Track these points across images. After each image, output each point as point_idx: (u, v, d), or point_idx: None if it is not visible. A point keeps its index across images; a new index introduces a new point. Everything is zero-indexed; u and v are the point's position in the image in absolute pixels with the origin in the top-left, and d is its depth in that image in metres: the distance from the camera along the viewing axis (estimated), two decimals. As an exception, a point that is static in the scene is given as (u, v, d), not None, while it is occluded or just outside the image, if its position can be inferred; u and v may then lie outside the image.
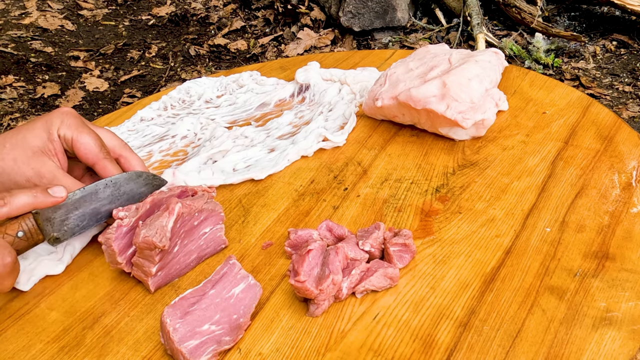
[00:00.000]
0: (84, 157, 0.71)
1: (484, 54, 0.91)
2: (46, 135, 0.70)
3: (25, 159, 0.68)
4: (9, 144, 0.69)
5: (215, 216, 0.72)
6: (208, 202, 0.71)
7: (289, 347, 0.60)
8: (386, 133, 0.92)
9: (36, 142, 0.69)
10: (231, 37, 2.85)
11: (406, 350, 0.58)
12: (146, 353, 0.62)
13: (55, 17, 3.02)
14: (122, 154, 0.75)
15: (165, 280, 0.69)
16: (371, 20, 2.58)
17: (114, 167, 0.72)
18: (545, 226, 0.71)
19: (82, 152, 0.71)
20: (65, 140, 0.71)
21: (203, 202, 0.70)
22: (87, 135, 0.71)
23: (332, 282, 0.62)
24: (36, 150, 0.69)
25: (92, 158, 0.71)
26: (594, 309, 0.60)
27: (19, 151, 0.68)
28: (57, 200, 0.66)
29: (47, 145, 0.70)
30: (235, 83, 1.11)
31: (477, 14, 2.45)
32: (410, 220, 0.74)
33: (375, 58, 1.15)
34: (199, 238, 0.71)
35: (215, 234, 0.72)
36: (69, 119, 0.71)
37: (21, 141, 0.69)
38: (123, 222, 0.67)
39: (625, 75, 2.27)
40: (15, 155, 0.68)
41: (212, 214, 0.71)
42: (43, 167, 0.68)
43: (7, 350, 0.64)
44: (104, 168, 0.72)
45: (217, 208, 0.72)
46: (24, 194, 0.65)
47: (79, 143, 0.71)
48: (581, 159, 0.81)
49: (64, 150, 0.71)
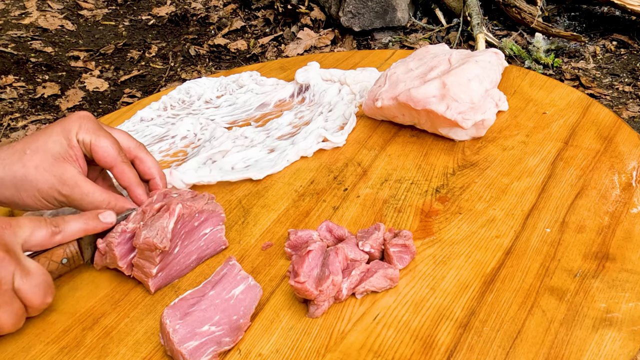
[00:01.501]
0: (103, 161, 0.71)
1: (484, 54, 0.91)
2: (66, 141, 0.70)
3: (47, 165, 0.68)
4: (30, 150, 0.68)
5: (215, 217, 0.71)
6: (209, 203, 0.71)
7: (289, 348, 0.60)
8: (386, 133, 0.92)
9: (56, 148, 0.69)
10: (231, 37, 2.85)
11: (406, 351, 0.58)
12: (146, 354, 0.61)
13: (55, 17, 3.02)
14: (137, 155, 0.75)
15: (165, 281, 0.69)
16: (371, 20, 2.58)
17: (130, 171, 0.72)
18: (545, 227, 0.71)
19: (101, 156, 0.71)
20: (84, 144, 0.71)
21: (204, 203, 0.70)
22: (105, 139, 0.71)
23: (332, 283, 0.62)
24: (57, 157, 0.69)
25: (111, 162, 0.71)
26: (594, 310, 0.60)
27: (39, 157, 0.68)
28: (107, 225, 0.68)
29: (67, 152, 0.69)
30: (235, 83, 1.11)
31: (477, 14, 2.45)
32: (410, 220, 0.74)
33: (375, 58, 1.15)
34: (199, 239, 0.71)
35: (216, 235, 0.72)
36: (86, 123, 0.71)
37: (41, 147, 0.69)
38: (127, 228, 0.67)
39: (625, 75, 2.27)
40: (36, 162, 0.68)
41: (213, 214, 0.71)
42: (65, 174, 0.68)
43: (7, 351, 0.64)
44: (121, 172, 0.72)
45: (217, 209, 0.72)
46: (76, 221, 0.66)
47: (97, 147, 0.70)
48: (581, 159, 0.81)
49: (83, 155, 0.71)
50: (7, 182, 0.68)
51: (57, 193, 0.68)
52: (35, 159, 0.68)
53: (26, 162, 0.68)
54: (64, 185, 0.68)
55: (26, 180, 0.68)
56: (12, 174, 0.67)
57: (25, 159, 0.68)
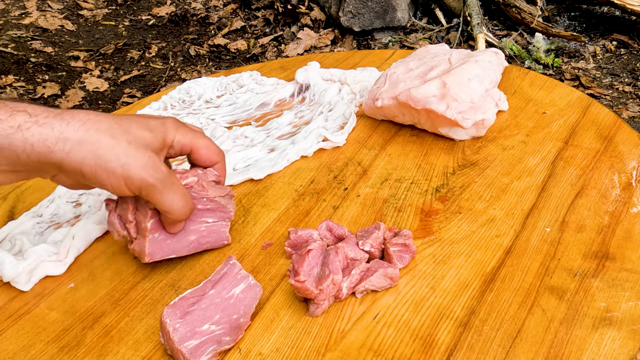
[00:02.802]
0: (208, 160, 0.70)
1: (484, 54, 0.91)
2: (161, 136, 0.65)
3: (140, 146, 0.63)
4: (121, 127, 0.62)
5: (223, 212, 0.71)
6: (224, 197, 0.70)
7: (289, 347, 0.60)
8: (386, 133, 0.92)
9: (149, 139, 0.64)
10: (231, 37, 2.85)
11: (406, 350, 0.58)
12: (146, 353, 0.62)
13: (55, 17, 3.02)
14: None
15: (160, 251, 0.68)
16: (371, 20, 2.58)
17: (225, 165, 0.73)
18: (545, 226, 0.71)
19: (206, 155, 0.69)
20: (182, 148, 0.68)
21: (218, 194, 0.69)
22: (202, 139, 0.69)
23: (332, 282, 0.62)
24: (148, 145, 0.64)
25: (216, 158, 0.70)
26: (594, 309, 0.60)
27: (132, 136, 0.63)
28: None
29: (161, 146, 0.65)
30: (235, 83, 1.11)
31: (477, 14, 2.45)
32: (410, 220, 0.74)
33: (375, 58, 1.15)
34: (200, 222, 0.70)
35: (219, 228, 0.72)
36: (182, 127, 0.68)
37: (134, 130, 0.63)
38: None
39: (625, 75, 2.27)
40: (130, 139, 0.62)
41: (221, 209, 0.71)
42: (157, 160, 0.64)
43: (7, 350, 0.64)
44: (223, 167, 0.72)
45: (229, 207, 0.71)
46: None
47: (201, 147, 0.69)
48: (581, 159, 0.81)
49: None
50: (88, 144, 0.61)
51: (149, 174, 0.62)
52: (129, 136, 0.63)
53: (118, 135, 0.62)
54: (156, 169, 0.63)
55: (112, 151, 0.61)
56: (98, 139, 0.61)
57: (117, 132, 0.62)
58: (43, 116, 0.59)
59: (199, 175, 0.69)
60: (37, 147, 0.58)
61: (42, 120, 0.59)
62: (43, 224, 0.80)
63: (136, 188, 0.62)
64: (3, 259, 0.71)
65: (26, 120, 0.58)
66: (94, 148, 0.60)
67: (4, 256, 0.71)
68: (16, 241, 0.75)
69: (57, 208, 0.83)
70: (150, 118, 0.67)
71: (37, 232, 0.79)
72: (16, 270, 0.70)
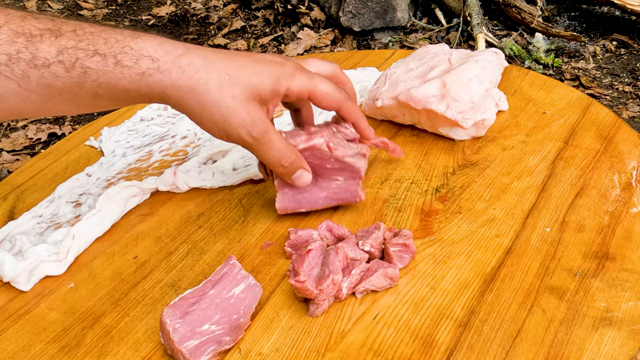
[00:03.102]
0: (329, 106, 0.68)
1: (484, 54, 0.91)
2: (271, 85, 0.64)
3: (243, 100, 0.63)
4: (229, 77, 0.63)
5: (351, 172, 0.72)
6: (354, 156, 0.70)
7: (289, 347, 0.60)
8: (386, 133, 0.92)
9: (259, 86, 0.63)
10: (231, 37, 2.85)
11: (406, 350, 0.58)
12: (146, 353, 0.62)
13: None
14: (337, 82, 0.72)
15: (292, 202, 0.72)
16: (371, 20, 2.58)
17: (355, 106, 0.70)
18: (545, 226, 0.71)
19: (326, 101, 0.67)
20: (299, 95, 0.66)
21: (347, 154, 0.69)
22: (321, 82, 0.67)
23: (332, 282, 0.62)
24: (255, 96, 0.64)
25: (337, 104, 0.68)
26: (594, 309, 0.60)
27: (239, 89, 0.63)
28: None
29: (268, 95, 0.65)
30: (235, 83, 1.11)
31: (477, 14, 2.45)
32: (410, 220, 0.74)
33: (375, 58, 1.15)
34: (331, 180, 0.72)
35: (350, 187, 0.73)
36: (300, 73, 0.66)
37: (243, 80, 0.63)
38: None
39: (625, 75, 2.27)
40: (235, 93, 0.62)
41: (349, 169, 0.71)
42: (257, 116, 0.64)
43: (7, 350, 0.64)
44: (349, 110, 0.69)
45: (358, 165, 0.71)
46: None
47: (321, 94, 0.66)
48: (581, 159, 0.81)
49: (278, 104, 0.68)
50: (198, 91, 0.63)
51: (245, 132, 0.63)
52: (235, 89, 0.63)
53: (225, 87, 0.62)
54: (254, 126, 0.63)
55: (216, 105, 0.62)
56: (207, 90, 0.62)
57: (225, 84, 0.62)
58: (164, 60, 0.61)
59: (329, 135, 0.68)
60: (156, 91, 0.62)
61: (162, 66, 0.61)
62: (43, 224, 0.80)
63: (235, 142, 0.65)
64: (3, 259, 0.71)
65: (149, 66, 0.61)
66: (201, 99, 0.62)
67: (4, 256, 0.71)
68: (16, 241, 0.75)
69: (57, 208, 0.83)
70: (267, 62, 0.66)
71: (37, 232, 0.79)
72: (16, 270, 0.70)
